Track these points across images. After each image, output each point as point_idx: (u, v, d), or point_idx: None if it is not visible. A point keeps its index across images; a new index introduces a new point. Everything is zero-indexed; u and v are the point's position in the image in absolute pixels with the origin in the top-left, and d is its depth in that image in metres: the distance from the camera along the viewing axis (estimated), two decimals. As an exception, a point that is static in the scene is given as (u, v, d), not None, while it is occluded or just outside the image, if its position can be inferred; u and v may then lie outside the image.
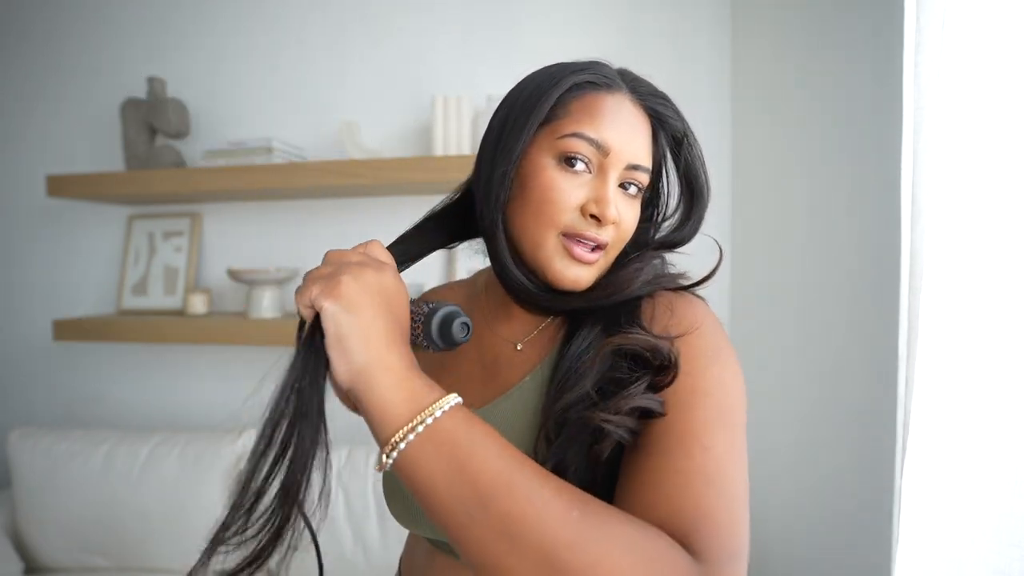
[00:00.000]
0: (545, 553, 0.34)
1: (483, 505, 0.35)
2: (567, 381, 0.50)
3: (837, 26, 1.04)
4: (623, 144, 0.51)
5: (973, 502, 0.68)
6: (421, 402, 0.38)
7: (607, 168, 0.51)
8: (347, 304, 0.39)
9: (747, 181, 1.40)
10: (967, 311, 0.70)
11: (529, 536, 0.34)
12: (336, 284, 0.39)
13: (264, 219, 1.64)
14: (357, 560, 1.37)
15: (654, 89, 0.55)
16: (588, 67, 0.52)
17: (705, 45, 1.44)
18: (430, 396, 0.38)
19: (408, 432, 0.37)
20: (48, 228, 1.74)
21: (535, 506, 0.35)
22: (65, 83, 1.70)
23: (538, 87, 0.52)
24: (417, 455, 0.37)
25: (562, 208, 0.50)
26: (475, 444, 0.37)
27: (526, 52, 1.49)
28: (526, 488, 0.36)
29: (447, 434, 0.37)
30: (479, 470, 0.36)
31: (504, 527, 0.35)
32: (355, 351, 0.38)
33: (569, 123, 0.50)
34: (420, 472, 0.37)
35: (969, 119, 0.69)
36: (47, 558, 1.49)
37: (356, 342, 0.38)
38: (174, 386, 1.71)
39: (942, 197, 0.71)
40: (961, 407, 0.71)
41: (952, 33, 0.69)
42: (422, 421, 0.37)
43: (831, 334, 1.06)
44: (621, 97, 0.52)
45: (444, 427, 0.37)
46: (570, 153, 0.50)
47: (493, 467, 0.36)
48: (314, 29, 1.57)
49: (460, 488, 0.36)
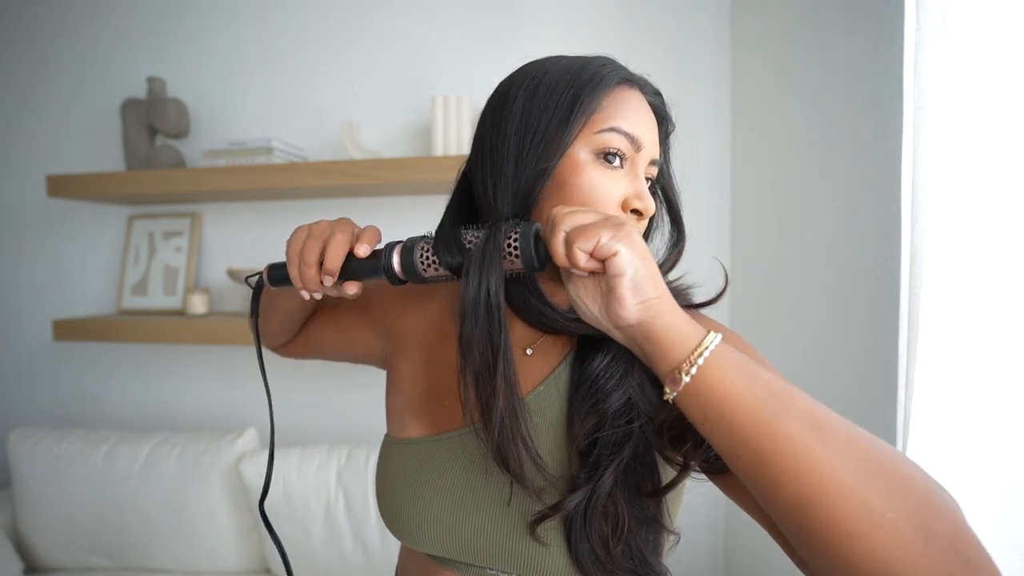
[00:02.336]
0: (853, 442, 0.37)
1: (783, 401, 0.39)
2: (594, 397, 0.50)
3: (837, 26, 1.04)
4: (650, 139, 0.52)
5: (973, 502, 0.68)
6: (699, 330, 0.42)
7: (638, 162, 0.51)
8: (641, 251, 0.41)
9: (746, 181, 1.40)
10: (967, 312, 0.70)
11: (833, 426, 0.38)
12: (628, 233, 0.41)
13: (264, 219, 1.64)
14: (357, 560, 1.37)
15: (653, 87, 0.56)
16: (609, 62, 0.52)
17: (705, 45, 1.44)
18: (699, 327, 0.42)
19: (703, 349, 0.40)
20: (48, 228, 1.74)
21: (819, 404, 0.39)
22: (65, 83, 1.70)
23: (571, 82, 0.49)
24: (714, 366, 0.40)
25: (606, 206, 0.49)
26: (750, 362, 0.41)
27: (526, 52, 1.48)
28: (804, 394, 0.40)
29: (731, 352, 0.41)
30: (768, 376, 0.40)
31: (810, 419, 0.38)
32: (647, 289, 0.41)
33: (603, 117, 0.49)
34: (722, 381, 0.40)
35: (969, 119, 0.69)
36: (47, 558, 1.49)
37: (648, 282, 0.41)
38: (174, 386, 1.71)
39: (942, 197, 0.71)
40: (961, 407, 0.71)
41: (952, 33, 0.69)
42: (712, 340, 0.41)
43: (831, 335, 1.05)
44: (638, 92, 0.53)
45: (725, 348, 0.41)
46: (610, 148, 0.49)
47: (773, 376, 0.40)
48: (314, 29, 1.57)
49: (758, 390, 0.39)
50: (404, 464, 0.57)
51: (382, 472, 0.60)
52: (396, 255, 0.52)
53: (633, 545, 0.48)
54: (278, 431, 1.63)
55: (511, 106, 0.51)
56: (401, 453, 0.58)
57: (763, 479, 0.38)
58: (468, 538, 0.53)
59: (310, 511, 1.37)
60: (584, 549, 0.48)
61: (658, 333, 0.41)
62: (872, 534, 0.35)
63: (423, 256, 0.51)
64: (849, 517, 0.35)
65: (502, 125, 0.51)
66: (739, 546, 1.44)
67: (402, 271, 0.52)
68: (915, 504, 0.35)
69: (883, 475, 0.36)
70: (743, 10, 1.39)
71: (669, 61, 1.45)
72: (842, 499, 0.35)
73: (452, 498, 0.54)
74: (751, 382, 0.39)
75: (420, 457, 0.57)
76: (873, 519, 0.35)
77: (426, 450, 0.57)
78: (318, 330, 0.74)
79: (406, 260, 0.51)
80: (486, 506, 0.53)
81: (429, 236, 0.52)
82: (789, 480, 0.37)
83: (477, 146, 0.54)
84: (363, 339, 0.70)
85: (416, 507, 0.55)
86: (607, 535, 0.48)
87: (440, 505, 0.54)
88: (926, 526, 0.35)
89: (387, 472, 0.59)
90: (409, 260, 0.51)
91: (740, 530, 1.43)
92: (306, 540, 1.38)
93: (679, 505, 0.55)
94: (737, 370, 0.40)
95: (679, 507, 0.55)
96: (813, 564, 0.38)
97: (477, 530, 0.53)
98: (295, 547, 1.39)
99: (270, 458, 0.65)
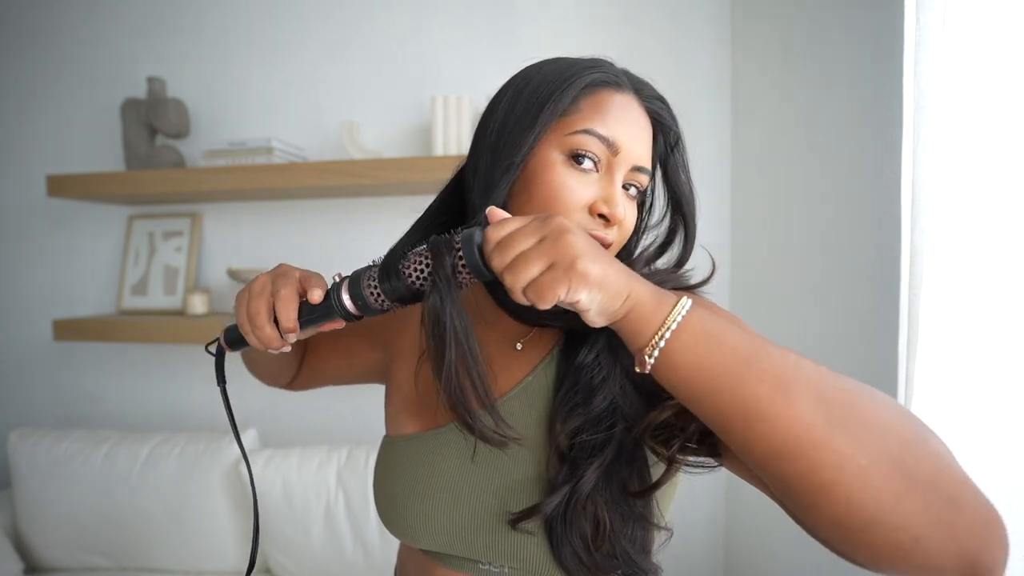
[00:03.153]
0: (823, 394, 0.38)
1: (749, 364, 0.39)
2: (576, 397, 0.50)
3: (837, 26, 1.04)
4: (632, 144, 0.50)
5: (973, 502, 0.68)
6: (666, 306, 0.41)
7: (615, 167, 0.50)
8: (599, 283, 0.40)
9: (746, 181, 1.40)
10: (967, 311, 0.70)
11: (802, 382, 0.38)
12: (579, 274, 0.39)
13: (264, 219, 1.64)
14: (357, 560, 1.37)
15: (655, 92, 0.55)
16: (598, 64, 0.52)
17: (705, 46, 1.44)
18: (669, 298, 0.42)
19: (665, 329, 0.40)
20: (48, 228, 1.74)
21: (790, 359, 0.39)
22: (65, 83, 1.70)
23: (550, 82, 0.50)
24: (678, 342, 0.40)
25: (570, 207, 0.49)
26: (720, 324, 0.41)
27: (526, 52, 1.48)
28: (777, 351, 0.40)
29: (696, 321, 0.41)
30: (734, 342, 0.40)
31: (776, 379, 0.38)
32: (612, 308, 0.41)
33: (580, 119, 0.49)
34: (686, 355, 0.40)
35: (969, 119, 0.69)
36: (47, 558, 1.49)
37: (612, 301, 0.41)
38: (174, 386, 1.71)
39: (942, 197, 0.71)
40: (961, 407, 0.71)
41: (952, 32, 0.69)
42: (674, 319, 0.40)
43: (831, 334, 1.05)
44: (629, 97, 0.52)
45: (692, 317, 0.41)
46: (580, 150, 0.49)
47: (743, 338, 0.40)
48: (314, 29, 1.57)
49: (723, 358, 0.39)
50: (399, 461, 0.58)
51: (378, 470, 0.61)
52: (344, 292, 0.48)
53: (618, 545, 0.48)
54: (278, 431, 1.63)
55: (499, 105, 0.53)
56: (396, 450, 0.59)
57: (738, 440, 0.39)
58: (460, 531, 0.53)
59: (310, 511, 1.37)
60: (567, 552, 0.48)
61: (624, 325, 0.42)
62: (846, 481, 0.35)
63: (370, 287, 0.47)
64: (823, 467, 0.36)
65: (488, 122, 0.53)
66: (739, 541, 1.44)
67: (355, 307, 0.48)
68: (891, 448, 0.36)
69: (855, 423, 0.37)
70: (743, 11, 1.39)
71: (669, 62, 1.45)
72: (812, 451, 0.36)
73: (445, 492, 0.54)
74: (716, 351, 0.40)
75: (414, 453, 0.57)
76: (846, 467, 0.35)
77: (419, 445, 0.57)
78: (320, 361, 0.74)
79: (355, 293, 0.47)
80: (476, 498, 0.53)
81: (376, 263, 0.48)
82: (760, 439, 0.38)
83: (471, 145, 0.55)
84: (363, 358, 0.71)
85: (411, 503, 0.55)
86: (588, 537, 0.48)
87: (433, 500, 0.54)
88: (905, 469, 0.35)
89: (383, 470, 0.59)
90: (358, 293, 0.47)
91: (740, 524, 1.43)
92: (306, 540, 1.38)
93: (671, 499, 0.55)
94: (701, 341, 0.40)
95: (671, 501, 0.55)
96: (808, 523, 0.39)
97: (467, 522, 0.53)
98: (295, 547, 1.39)
99: (255, 540, 0.59)
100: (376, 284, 0.47)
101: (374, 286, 0.47)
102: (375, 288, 0.47)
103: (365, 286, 0.47)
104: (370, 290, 0.47)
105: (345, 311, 0.48)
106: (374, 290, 0.47)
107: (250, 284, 0.51)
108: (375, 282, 0.47)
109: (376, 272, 0.47)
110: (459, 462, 0.55)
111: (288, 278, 0.50)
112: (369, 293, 0.47)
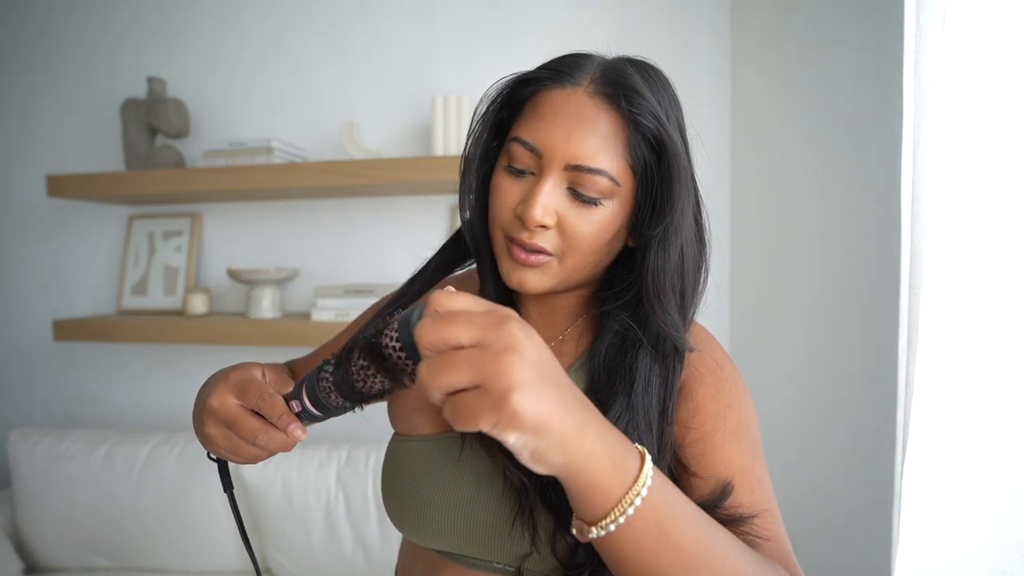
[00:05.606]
0: None
1: (689, 570, 0.36)
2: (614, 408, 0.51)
3: (837, 25, 1.04)
4: (561, 144, 0.47)
5: (973, 502, 0.68)
6: (625, 476, 0.36)
7: (545, 170, 0.49)
8: (534, 427, 0.32)
9: (746, 181, 1.40)
10: (967, 311, 0.70)
11: None
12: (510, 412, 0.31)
13: (264, 219, 1.64)
14: (357, 560, 1.37)
15: (624, 80, 0.48)
16: (546, 65, 0.51)
17: (705, 47, 1.44)
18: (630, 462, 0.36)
19: (619, 514, 0.35)
20: (48, 228, 1.74)
21: (727, 566, 0.37)
22: (65, 83, 1.70)
23: (490, 97, 0.54)
24: (627, 532, 0.36)
25: (501, 210, 0.51)
26: (675, 511, 0.37)
27: (526, 52, 1.49)
28: (720, 550, 0.38)
29: (652, 508, 0.36)
30: (682, 539, 0.37)
31: None
32: (554, 460, 0.34)
33: (517, 126, 0.51)
34: (629, 546, 0.36)
35: (969, 119, 0.69)
36: (47, 558, 1.49)
37: (553, 454, 0.33)
38: (174, 386, 1.71)
39: (942, 197, 0.71)
40: (961, 407, 0.71)
41: (952, 33, 0.69)
42: (631, 503, 0.35)
43: (831, 334, 1.05)
44: (573, 92, 0.48)
45: (650, 501, 0.36)
46: (512, 160, 0.51)
47: (692, 534, 0.37)
48: (314, 29, 1.57)
49: (666, 558, 0.36)
50: (413, 462, 0.57)
51: (389, 470, 0.59)
52: (304, 396, 0.44)
53: None
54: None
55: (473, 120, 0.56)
56: (409, 451, 0.58)
57: None
58: (474, 532, 0.53)
59: (310, 511, 1.37)
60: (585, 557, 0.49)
61: (567, 483, 0.36)
62: None
63: (323, 387, 0.43)
64: None
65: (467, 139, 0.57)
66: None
67: (318, 408, 0.44)
68: None
69: None
70: (743, 10, 1.39)
71: (669, 61, 1.44)
72: None
73: (459, 493, 0.54)
74: (662, 549, 0.36)
75: (430, 455, 0.57)
76: None
77: (434, 447, 0.57)
78: None
79: (311, 396, 0.44)
80: (488, 500, 0.53)
81: (329, 361, 0.43)
82: None
83: None
84: None
85: (425, 503, 0.55)
86: None
87: (448, 500, 0.54)
88: None
89: (395, 470, 0.59)
90: (314, 395, 0.43)
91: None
92: (306, 540, 1.38)
93: None
94: (652, 533, 0.36)
95: None
96: None
97: (480, 524, 0.53)
98: (295, 547, 1.39)
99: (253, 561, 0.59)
100: (331, 378, 0.42)
101: (329, 380, 0.43)
102: (329, 382, 0.42)
103: (320, 383, 0.43)
104: (323, 386, 0.43)
105: (309, 413, 0.46)
106: (328, 385, 0.42)
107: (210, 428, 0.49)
108: (329, 376, 0.42)
109: (331, 365, 0.42)
110: (474, 464, 0.54)
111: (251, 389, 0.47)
112: (322, 393, 0.43)
